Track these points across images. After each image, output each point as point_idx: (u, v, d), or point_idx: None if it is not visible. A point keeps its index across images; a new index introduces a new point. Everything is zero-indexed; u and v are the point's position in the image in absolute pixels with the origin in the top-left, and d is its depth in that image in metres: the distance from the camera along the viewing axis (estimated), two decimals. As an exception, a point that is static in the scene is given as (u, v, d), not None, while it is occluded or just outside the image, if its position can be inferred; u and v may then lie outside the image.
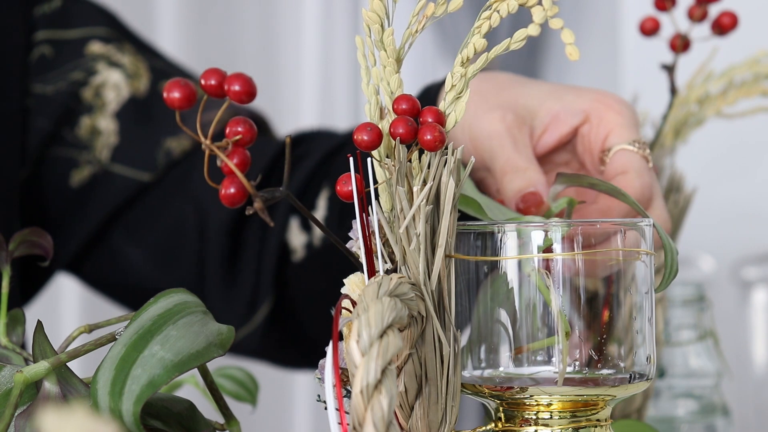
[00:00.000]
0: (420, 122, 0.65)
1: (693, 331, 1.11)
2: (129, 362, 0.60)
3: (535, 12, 0.63)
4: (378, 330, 0.54)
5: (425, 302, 0.63)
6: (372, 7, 0.64)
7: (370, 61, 0.66)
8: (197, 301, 0.65)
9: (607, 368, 0.67)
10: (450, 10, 0.65)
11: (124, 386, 0.60)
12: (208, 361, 0.62)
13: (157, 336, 0.61)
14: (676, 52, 0.96)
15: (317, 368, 0.69)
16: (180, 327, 0.62)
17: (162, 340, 0.61)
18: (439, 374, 0.65)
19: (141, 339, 0.61)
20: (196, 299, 0.65)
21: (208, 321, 0.64)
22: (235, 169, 0.61)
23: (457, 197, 0.65)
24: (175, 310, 0.63)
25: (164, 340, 0.61)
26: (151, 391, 0.59)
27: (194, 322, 0.63)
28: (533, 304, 0.66)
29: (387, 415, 0.52)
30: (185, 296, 0.65)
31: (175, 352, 0.61)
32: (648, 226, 0.68)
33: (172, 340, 0.61)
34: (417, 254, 0.63)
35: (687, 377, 1.11)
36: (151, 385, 0.60)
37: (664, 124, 0.98)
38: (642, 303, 0.68)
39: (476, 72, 0.65)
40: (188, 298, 0.65)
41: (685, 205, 0.97)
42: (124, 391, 0.60)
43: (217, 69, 0.61)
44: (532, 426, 0.68)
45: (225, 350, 0.63)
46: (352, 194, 0.64)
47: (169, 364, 0.60)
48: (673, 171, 0.98)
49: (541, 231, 0.66)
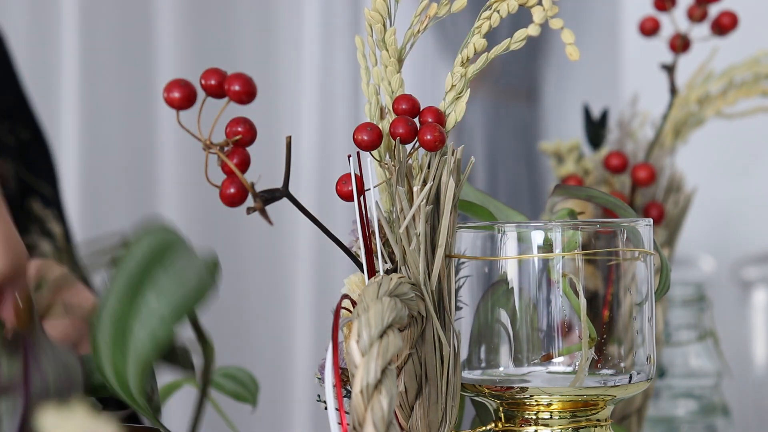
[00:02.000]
0: (420, 122, 0.65)
1: (693, 331, 1.11)
2: (125, 317, 0.59)
3: (535, 12, 0.63)
4: (378, 330, 0.54)
5: (425, 302, 0.63)
6: (374, 7, 0.64)
7: (370, 61, 0.66)
8: (176, 235, 0.63)
9: (607, 368, 0.67)
10: (453, 10, 0.65)
11: (127, 346, 0.59)
12: (203, 298, 0.61)
13: (148, 284, 0.60)
14: (676, 52, 0.96)
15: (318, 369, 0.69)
16: (170, 272, 0.60)
17: (156, 290, 0.60)
18: (439, 374, 0.65)
19: (134, 289, 0.60)
20: (174, 232, 0.63)
21: (191, 255, 0.62)
22: (235, 169, 0.61)
23: (458, 197, 0.65)
24: (160, 251, 0.61)
25: (158, 290, 0.60)
26: (155, 350, 0.59)
27: (181, 262, 0.61)
28: (533, 305, 0.66)
29: (387, 415, 0.52)
30: (165, 232, 0.62)
31: (171, 302, 0.59)
32: (648, 227, 0.68)
33: (165, 289, 0.60)
34: (417, 254, 0.63)
35: (687, 377, 1.11)
36: (153, 341, 0.59)
37: (664, 124, 0.98)
38: (642, 303, 0.68)
39: (476, 72, 0.65)
40: (168, 235, 0.62)
41: (685, 205, 0.97)
42: (128, 351, 0.59)
43: (217, 69, 0.61)
44: (532, 426, 0.68)
45: (215, 279, 0.62)
46: (352, 194, 0.64)
47: (167, 317, 0.59)
48: (673, 171, 0.98)
49: (541, 231, 0.66)
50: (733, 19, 0.95)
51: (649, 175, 0.94)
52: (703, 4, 0.95)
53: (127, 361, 0.59)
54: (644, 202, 0.96)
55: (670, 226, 0.97)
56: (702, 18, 0.96)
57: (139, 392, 0.59)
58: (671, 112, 0.98)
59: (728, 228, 1.92)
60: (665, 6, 0.96)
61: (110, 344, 0.59)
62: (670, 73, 0.97)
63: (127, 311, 0.59)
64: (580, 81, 2.81)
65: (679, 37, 0.96)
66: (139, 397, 0.60)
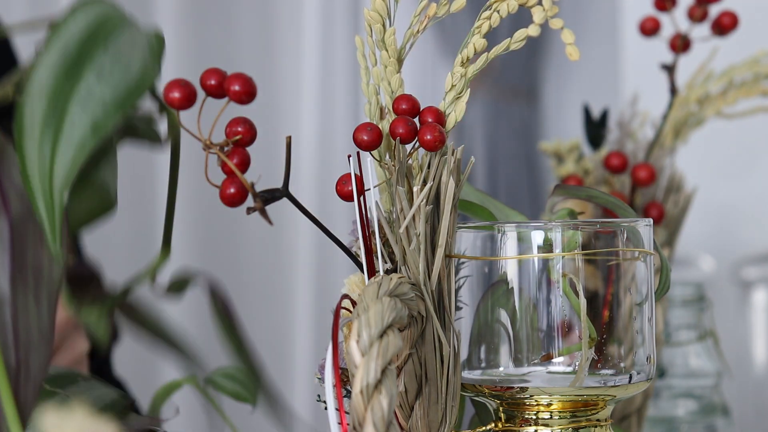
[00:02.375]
0: (420, 122, 0.65)
1: (693, 331, 1.11)
2: (63, 96, 0.52)
3: (535, 12, 0.63)
4: (378, 330, 0.54)
5: (425, 302, 0.63)
6: (374, 7, 0.64)
7: (370, 61, 0.66)
8: (117, 9, 0.57)
9: (607, 368, 0.67)
10: (453, 10, 0.65)
11: (61, 126, 0.52)
12: (148, 83, 0.54)
13: (88, 65, 0.53)
14: (676, 52, 0.96)
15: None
16: (111, 52, 0.54)
17: (96, 71, 0.53)
18: (439, 374, 0.65)
19: (72, 67, 0.53)
20: (114, 6, 0.57)
21: (134, 33, 0.56)
22: (235, 169, 0.61)
23: (458, 197, 0.65)
24: (100, 27, 0.55)
25: (98, 71, 0.53)
26: (95, 138, 0.52)
27: (124, 41, 0.55)
28: (533, 305, 0.66)
29: (387, 415, 0.52)
30: (105, 6, 0.56)
31: (113, 88, 0.53)
32: (648, 227, 0.68)
33: (107, 71, 0.53)
34: (417, 254, 0.63)
35: (687, 377, 1.11)
36: (95, 130, 0.52)
37: (664, 124, 0.98)
38: (642, 303, 0.68)
39: (476, 72, 0.65)
40: (108, 10, 0.56)
41: (685, 205, 0.97)
42: (62, 132, 0.52)
43: (217, 69, 0.61)
44: (532, 426, 0.68)
45: (160, 61, 0.55)
46: (352, 194, 0.64)
47: (110, 103, 0.52)
48: (673, 171, 0.98)
49: (541, 231, 0.66)
50: (733, 19, 0.95)
51: (649, 175, 0.94)
52: (703, 4, 0.95)
53: (58, 145, 0.52)
54: (644, 202, 0.96)
55: (670, 226, 0.97)
56: (702, 18, 0.96)
57: (63, 185, 0.52)
58: (671, 112, 0.98)
59: (728, 228, 1.92)
60: (665, 6, 0.96)
61: (41, 124, 0.52)
62: (670, 73, 0.97)
63: (64, 90, 0.52)
64: (580, 81, 2.81)
65: (679, 37, 0.96)
66: (59, 193, 0.52)
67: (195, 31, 2.57)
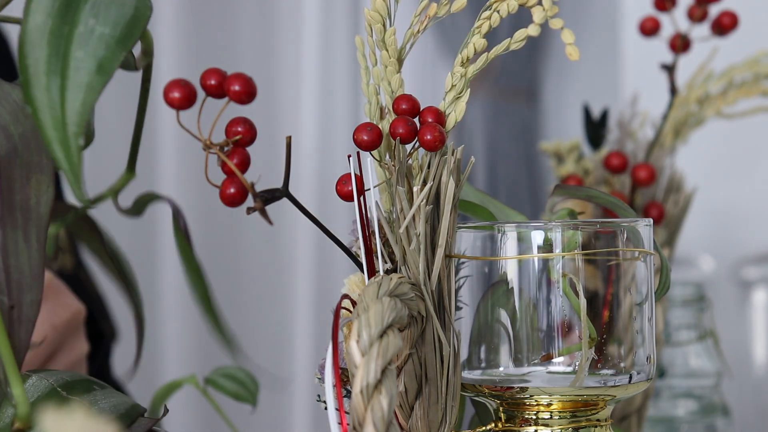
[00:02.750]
0: (420, 122, 0.65)
1: (693, 331, 1.11)
2: (63, 39, 0.51)
3: (535, 12, 0.63)
4: (378, 330, 0.54)
5: (425, 302, 0.63)
6: (374, 7, 0.64)
7: (370, 61, 0.66)
8: None
9: (607, 368, 0.67)
10: (453, 10, 0.65)
11: (66, 70, 0.50)
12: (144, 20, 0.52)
13: (83, 4, 0.52)
14: (676, 52, 0.96)
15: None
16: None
17: (93, 10, 0.51)
18: (439, 374, 0.65)
19: (67, 8, 0.51)
20: None
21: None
22: (235, 169, 0.61)
23: (458, 197, 0.65)
24: None
25: (95, 10, 0.51)
26: (102, 78, 0.50)
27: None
28: (533, 305, 0.66)
29: (387, 415, 0.52)
30: None
31: (113, 24, 0.51)
32: (648, 227, 0.68)
33: (103, 9, 0.51)
34: (417, 254, 0.63)
35: (687, 377, 1.11)
36: (101, 70, 0.50)
37: (664, 124, 0.98)
38: (642, 303, 0.68)
39: (476, 72, 0.65)
40: None
41: (685, 205, 0.97)
42: (68, 76, 0.50)
43: (217, 69, 0.61)
44: (532, 426, 0.68)
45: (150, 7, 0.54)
46: (352, 194, 0.64)
47: (111, 41, 0.51)
48: (673, 171, 0.98)
49: (541, 231, 0.66)
50: (733, 19, 0.95)
51: (649, 175, 0.94)
52: (703, 4, 0.95)
53: (66, 89, 0.50)
54: (644, 202, 0.96)
55: (670, 226, 0.97)
56: (702, 18, 0.96)
57: (77, 130, 0.50)
58: (671, 112, 0.98)
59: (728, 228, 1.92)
60: (665, 6, 0.96)
61: (45, 70, 0.50)
62: (670, 73, 0.97)
63: (63, 32, 0.51)
64: (580, 81, 2.81)
65: (679, 37, 0.96)
66: (75, 138, 0.50)
67: (195, 31, 2.57)
